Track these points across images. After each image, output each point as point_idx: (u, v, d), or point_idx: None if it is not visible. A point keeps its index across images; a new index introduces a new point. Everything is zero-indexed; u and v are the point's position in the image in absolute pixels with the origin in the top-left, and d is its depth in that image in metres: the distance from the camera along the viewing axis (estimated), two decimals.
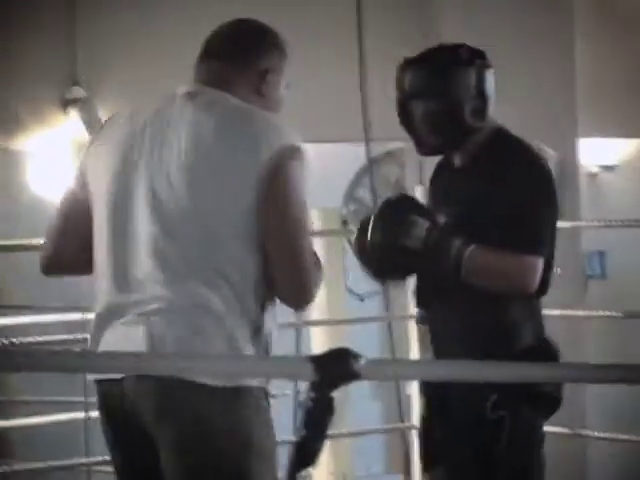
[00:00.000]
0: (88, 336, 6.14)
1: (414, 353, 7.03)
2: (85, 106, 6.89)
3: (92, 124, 6.84)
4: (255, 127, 4.04)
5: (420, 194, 7.27)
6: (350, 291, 8.76)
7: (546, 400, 4.61)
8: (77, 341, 7.54)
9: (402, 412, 7.60)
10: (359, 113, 7.19)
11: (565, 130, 7.25)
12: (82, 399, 7.91)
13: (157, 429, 4.07)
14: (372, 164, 7.66)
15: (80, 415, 7.97)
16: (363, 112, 7.20)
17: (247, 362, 4.20)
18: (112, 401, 4.09)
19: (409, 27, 7.62)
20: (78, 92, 6.91)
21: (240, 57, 4.20)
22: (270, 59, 4.20)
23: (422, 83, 4.66)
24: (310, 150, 9.20)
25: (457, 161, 4.74)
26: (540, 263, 4.56)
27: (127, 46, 7.18)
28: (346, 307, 8.82)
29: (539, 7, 7.53)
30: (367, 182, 7.70)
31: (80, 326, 8.49)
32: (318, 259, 4.12)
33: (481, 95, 4.64)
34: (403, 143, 7.53)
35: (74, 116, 6.85)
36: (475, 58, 4.70)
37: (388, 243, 4.59)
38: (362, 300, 8.79)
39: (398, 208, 4.68)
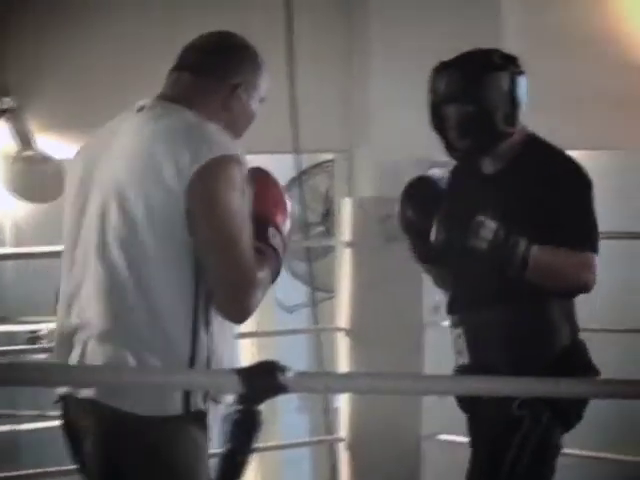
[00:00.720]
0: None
1: (343, 365, 7.03)
2: (15, 117, 6.90)
3: (22, 135, 6.87)
4: (189, 141, 4.02)
5: (349, 206, 7.30)
6: (279, 303, 8.81)
7: (568, 413, 4.72)
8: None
9: (329, 425, 7.58)
10: (288, 124, 7.24)
11: None
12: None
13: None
14: (301, 175, 7.72)
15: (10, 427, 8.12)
16: (292, 123, 7.24)
17: (174, 375, 4.21)
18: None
19: (338, 39, 7.71)
20: (8, 103, 6.92)
21: (210, 70, 4.21)
22: (241, 74, 4.22)
23: (455, 87, 4.72)
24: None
25: (488, 168, 4.80)
26: (596, 260, 4.65)
27: (60, 57, 7.16)
28: (275, 319, 8.90)
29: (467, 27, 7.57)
30: (296, 193, 7.76)
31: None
32: (254, 273, 4.07)
33: (513, 100, 4.70)
34: (332, 154, 7.82)
35: (3, 126, 6.89)
36: (508, 63, 4.76)
37: (455, 244, 4.68)
38: (291, 312, 8.86)
39: (464, 208, 4.72)
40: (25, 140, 6.88)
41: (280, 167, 7.60)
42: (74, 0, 7.28)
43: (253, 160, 8.36)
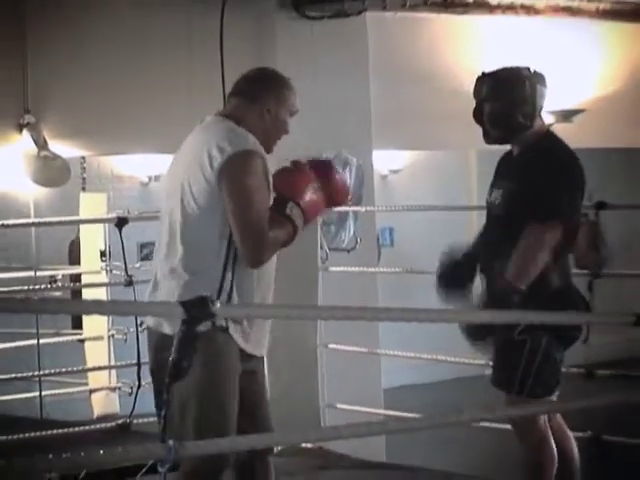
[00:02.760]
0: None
1: None
2: (34, 128, 6.80)
3: (39, 141, 6.80)
4: (223, 141, 4.00)
5: None
6: None
7: (563, 336, 4.53)
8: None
9: None
10: None
11: (363, 144, 7.08)
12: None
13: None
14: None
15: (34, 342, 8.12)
16: None
17: (141, 306, 4.36)
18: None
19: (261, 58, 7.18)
20: (29, 118, 6.79)
21: (249, 95, 4.20)
22: (271, 100, 4.19)
23: (488, 91, 4.64)
24: None
25: (515, 151, 4.70)
26: (557, 226, 4.44)
27: (67, 83, 6.92)
28: None
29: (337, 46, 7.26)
30: None
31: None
32: (264, 231, 4.02)
33: (532, 103, 4.58)
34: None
35: (26, 135, 6.79)
36: (531, 76, 4.64)
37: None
38: None
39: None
40: (41, 144, 6.82)
41: None
42: (78, 38, 6.96)
43: None
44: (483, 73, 4.71)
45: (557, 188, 4.49)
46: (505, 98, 4.59)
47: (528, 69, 4.67)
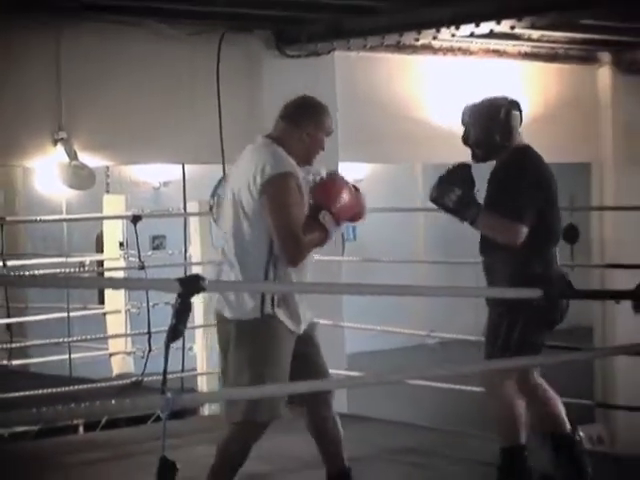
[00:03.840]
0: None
1: None
2: (66, 143, 6.68)
3: (70, 153, 6.70)
4: (265, 164, 3.95)
5: None
6: (216, 247, 8.30)
7: (541, 318, 4.27)
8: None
9: None
10: (219, 146, 7.02)
11: (332, 157, 6.63)
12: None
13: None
14: (226, 176, 7.03)
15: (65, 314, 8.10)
16: (221, 145, 6.98)
17: (146, 282, 4.29)
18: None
19: (249, 87, 7.25)
20: (62, 134, 6.67)
21: (292, 119, 4.11)
22: (310, 125, 4.10)
23: (472, 119, 4.46)
24: (191, 169, 8.86)
25: (496, 165, 4.51)
26: (521, 227, 4.26)
27: (94, 105, 6.81)
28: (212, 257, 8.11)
29: (310, 79, 7.04)
30: (223, 187, 7.36)
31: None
32: (299, 238, 3.95)
33: (507, 126, 4.39)
34: None
35: (60, 148, 6.69)
36: (506, 104, 4.44)
37: (434, 199, 4.41)
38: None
39: (448, 178, 4.43)
40: (72, 156, 6.70)
41: (215, 170, 7.22)
42: (104, 66, 6.83)
43: (204, 167, 8.15)
44: (468, 104, 4.54)
45: (519, 194, 4.32)
46: (485, 124, 4.42)
47: (505, 98, 4.51)
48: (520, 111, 4.50)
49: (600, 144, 8.84)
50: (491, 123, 4.41)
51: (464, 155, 6.82)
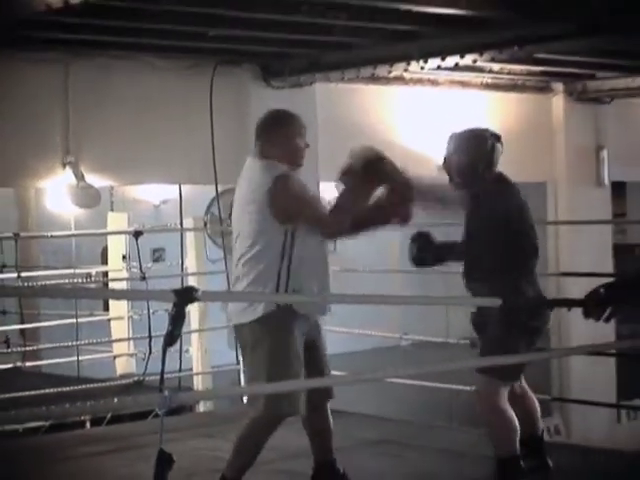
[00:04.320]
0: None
1: None
2: (74, 165, 6.65)
3: (78, 175, 6.67)
4: (265, 173, 3.93)
5: None
6: (210, 260, 7.90)
7: (526, 326, 4.09)
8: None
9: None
10: (212, 172, 7.00)
11: (313, 177, 6.70)
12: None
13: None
14: (218, 195, 7.38)
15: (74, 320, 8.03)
16: (214, 167, 6.96)
17: (144, 293, 4.20)
18: None
19: (238, 114, 7.12)
20: (70, 158, 6.65)
21: (265, 136, 4.05)
22: (281, 133, 4.03)
23: (455, 147, 4.28)
24: (187, 189, 8.73)
25: (473, 194, 4.30)
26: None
27: (99, 131, 6.79)
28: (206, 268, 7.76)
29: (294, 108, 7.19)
30: (216, 204, 7.43)
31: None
32: (324, 212, 3.90)
33: (490, 158, 4.24)
34: (234, 185, 7.48)
35: (68, 171, 6.66)
36: (491, 136, 4.29)
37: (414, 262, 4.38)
38: (213, 262, 7.95)
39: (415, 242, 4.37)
40: (79, 177, 6.67)
41: (209, 190, 7.45)
42: (107, 97, 6.78)
43: (197, 187, 8.07)
44: (452, 134, 4.36)
45: (499, 224, 4.16)
46: (470, 154, 4.24)
47: (487, 130, 4.35)
48: (501, 144, 4.32)
49: (554, 165, 8.87)
50: (476, 154, 4.24)
51: (430, 173, 6.76)
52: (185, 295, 2.54)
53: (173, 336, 2.60)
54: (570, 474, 4.35)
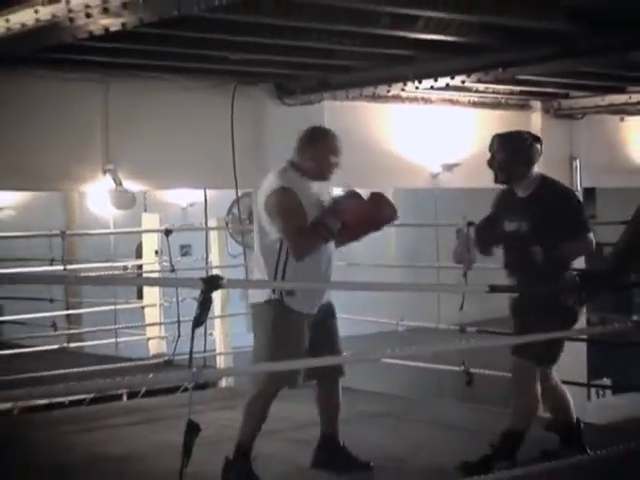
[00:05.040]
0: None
1: None
2: (113, 172, 6.63)
3: (117, 180, 6.65)
4: (275, 180, 3.89)
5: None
6: (231, 255, 8.00)
7: (563, 310, 3.80)
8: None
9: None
10: (232, 177, 6.92)
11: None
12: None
13: None
14: (238, 198, 7.40)
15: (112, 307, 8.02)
16: (234, 174, 6.89)
17: (175, 281, 4.16)
18: None
19: (256, 128, 7.13)
20: (110, 166, 6.63)
21: (302, 148, 3.97)
22: (313, 149, 3.95)
23: (498, 146, 4.13)
24: (211, 193, 8.73)
25: (520, 193, 4.15)
26: (591, 236, 3.97)
27: (135, 142, 6.75)
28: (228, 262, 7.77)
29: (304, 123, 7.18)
30: (236, 206, 7.59)
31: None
32: (301, 238, 3.80)
33: (530, 157, 4.09)
34: (251, 189, 7.13)
35: (108, 177, 6.64)
36: (530, 138, 4.16)
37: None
38: (234, 257, 7.96)
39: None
40: (118, 183, 6.65)
41: (230, 193, 7.34)
42: (143, 110, 6.75)
43: (221, 191, 8.04)
44: (497, 134, 4.23)
45: (579, 213, 4.06)
46: (510, 152, 4.09)
47: (528, 133, 4.25)
48: (540, 144, 4.17)
49: None
50: (515, 152, 4.09)
51: (423, 182, 6.60)
52: (211, 282, 2.50)
53: (201, 319, 2.56)
54: (547, 443, 4.28)
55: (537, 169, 4.19)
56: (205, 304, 2.51)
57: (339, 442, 4.16)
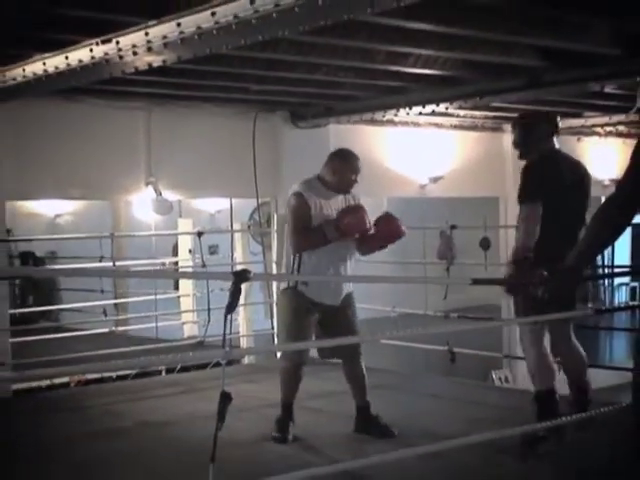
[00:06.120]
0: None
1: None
2: (154, 183, 6.60)
3: (157, 190, 6.55)
4: (293, 189, 3.88)
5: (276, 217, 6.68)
6: (252, 253, 7.82)
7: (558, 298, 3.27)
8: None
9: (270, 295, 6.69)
10: (254, 187, 6.84)
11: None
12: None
13: None
14: (259, 206, 7.19)
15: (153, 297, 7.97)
16: (255, 185, 6.82)
17: (208, 274, 4.12)
18: None
19: (274, 148, 7.01)
20: (152, 179, 6.59)
21: (327, 163, 3.93)
22: (335, 165, 3.90)
23: (515, 126, 3.92)
24: (235, 201, 8.64)
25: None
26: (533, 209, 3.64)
27: (173, 158, 6.67)
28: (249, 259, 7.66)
29: (313, 143, 6.78)
30: (257, 213, 7.25)
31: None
32: (299, 236, 3.73)
33: (536, 133, 3.83)
34: (269, 198, 7.12)
35: (150, 188, 6.62)
36: (537, 118, 3.96)
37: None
38: (255, 255, 7.74)
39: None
40: (158, 193, 6.61)
41: (251, 202, 7.36)
42: (180, 131, 6.64)
43: (244, 200, 8.00)
44: (515, 117, 4.08)
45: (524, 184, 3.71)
46: (522, 130, 3.86)
47: (540, 112, 4.03)
48: (555, 125, 3.88)
49: (504, 184, 8.66)
50: (529, 130, 3.85)
51: (412, 191, 6.45)
52: (241, 275, 2.45)
53: (232, 307, 2.50)
54: (517, 412, 4.29)
55: (551, 144, 3.86)
56: (236, 294, 2.45)
57: (372, 413, 4.11)
